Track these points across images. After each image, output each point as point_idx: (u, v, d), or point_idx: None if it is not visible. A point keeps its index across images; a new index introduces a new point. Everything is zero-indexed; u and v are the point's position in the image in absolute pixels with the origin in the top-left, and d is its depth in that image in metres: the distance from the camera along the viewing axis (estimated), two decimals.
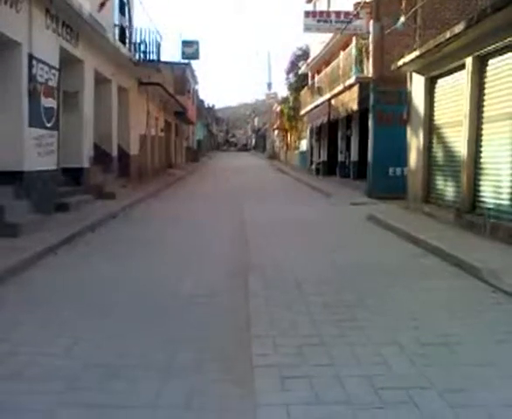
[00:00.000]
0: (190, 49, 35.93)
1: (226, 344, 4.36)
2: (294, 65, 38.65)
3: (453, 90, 10.62)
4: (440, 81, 11.41)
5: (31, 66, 9.91)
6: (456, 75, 10.49)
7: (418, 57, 11.21)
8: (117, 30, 17.29)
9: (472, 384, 3.56)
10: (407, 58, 11.90)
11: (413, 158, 12.85)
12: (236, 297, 5.68)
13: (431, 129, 11.89)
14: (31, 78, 9.94)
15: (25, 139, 9.83)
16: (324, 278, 6.46)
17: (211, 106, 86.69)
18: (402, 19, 13.49)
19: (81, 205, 12.28)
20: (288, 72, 40.02)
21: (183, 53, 36.00)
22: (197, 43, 36.72)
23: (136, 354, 4.09)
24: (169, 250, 8.43)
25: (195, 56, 36.68)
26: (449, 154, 10.91)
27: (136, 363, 3.92)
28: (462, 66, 10.00)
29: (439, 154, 11.54)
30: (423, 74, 12.01)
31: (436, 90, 11.66)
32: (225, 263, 7.40)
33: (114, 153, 17.15)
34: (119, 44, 15.58)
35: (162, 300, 5.55)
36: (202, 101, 62.56)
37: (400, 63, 12.39)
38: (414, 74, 12.71)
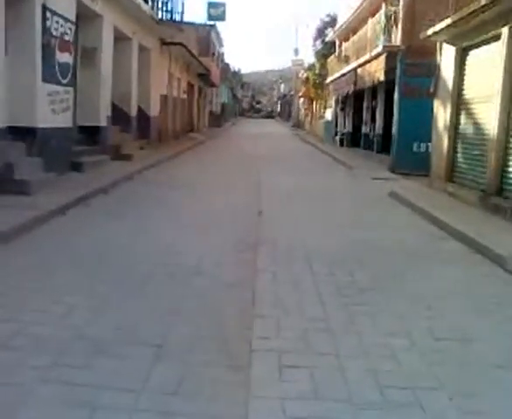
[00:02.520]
0: (217, 10, 35.26)
1: (227, 321, 4.12)
2: (321, 32, 37.58)
3: (486, 62, 10.00)
4: (472, 53, 10.77)
5: (44, 18, 9.59)
6: (490, 46, 9.86)
7: (449, 25, 10.56)
8: None
9: (486, 388, 3.25)
10: (438, 27, 11.24)
11: (439, 134, 12.30)
12: (243, 271, 5.42)
13: (459, 104, 11.30)
14: (45, 30, 9.64)
15: (39, 94, 9.59)
16: (338, 257, 6.15)
17: (236, 70, 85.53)
18: None
19: (97, 165, 12.09)
20: (315, 39, 38.96)
21: (209, 15, 35.36)
22: (223, 4, 35.99)
23: (130, 328, 3.87)
24: (181, 216, 8.20)
25: (221, 17, 35.99)
26: (477, 131, 10.36)
27: (129, 338, 3.70)
28: (497, 37, 9.38)
29: (466, 131, 10.98)
30: (454, 45, 11.37)
31: (467, 62, 11.02)
32: (236, 233, 7.13)
33: (134, 113, 16.89)
34: (140, 0, 15.11)
35: (166, 269, 5.32)
36: (227, 65, 61.61)
37: (430, 32, 11.73)
38: (444, 45, 12.06)
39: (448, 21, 10.47)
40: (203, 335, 3.83)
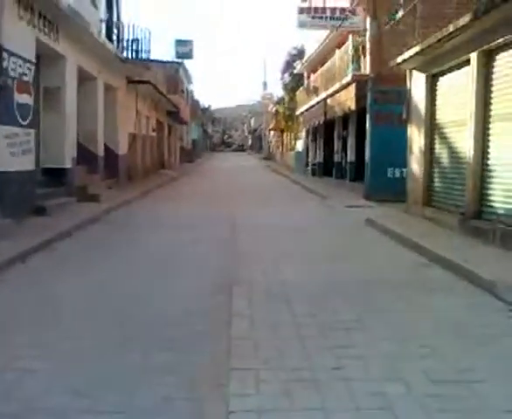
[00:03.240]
0: (184, 48, 35.35)
1: (200, 377, 3.65)
2: (289, 65, 37.94)
3: (457, 87, 9.94)
4: (443, 79, 10.72)
5: (1, 59, 9.15)
6: (460, 72, 9.81)
7: (418, 53, 10.52)
8: (104, 26, 16.58)
9: None
10: (407, 55, 11.21)
11: (414, 159, 12.16)
12: (218, 317, 4.96)
13: (432, 129, 11.21)
14: (2, 71, 9.19)
15: None
16: (319, 293, 5.75)
17: (206, 106, 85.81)
18: (400, 14, 12.84)
19: (62, 208, 11.55)
20: (283, 72, 39.32)
21: (177, 52, 35.41)
22: (190, 42, 36.13)
23: (89, 395, 3.37)
24: (148, 259, 7.70)
25: (189, 55, 36.10)
26: (453, 154, 10.22)
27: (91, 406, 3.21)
28: (466, 62, 9.32)
29: (441, 154, 10.84)
30: (424, 72, 11.33)
31: (438, 88, 10.97)
32: (209, 275, 6.66)
33: (101, 152, 16.41)
34: (104, 39, 14.83)
35: (132, 321, 4.83)
36: (197, 101, 61.74)
37: (399, 60, 11.70)
38: (414, 72, 12.03)
39: (416, 49, 10.43)
40: (173, 397, 3.36)
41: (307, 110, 27.06)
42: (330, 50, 21.37)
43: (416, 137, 11.98)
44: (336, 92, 19.35)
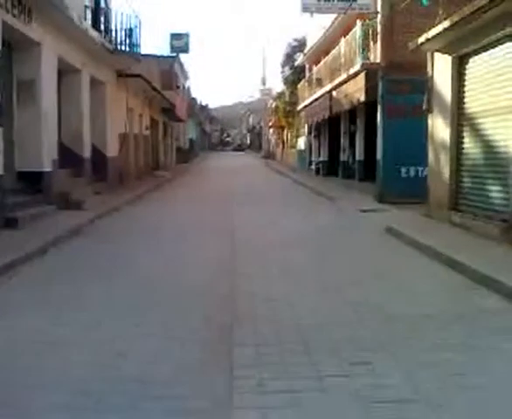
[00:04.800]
0: (180, 42, 33.79)
1: None
2: (289, 58, 36.30)
3: (493, 69, 8.48)
4: (474, 60, 9.23)
5: None
6: (497, 50, 8.35)
7: (447, 29, 9.01)
8: (90, 13, 15.08)
9: None
10: (431, 33, 9.72)
11: (436, 155, 10.70)
12: (214, 377, 3.52)
13: (460, 120, 9.75)
14: None
15: None
16: (344, 336, 4.31)
17: (204, 105, 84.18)
18: None
19: (38, 219, 10.10)
20: (284, 65, 37.68)
21: (172, 46, 33.84)
22: (186, 35, 34.57)
23: None
24: (133, 281, 6.24)
25: (184, 49, 34.52)
26: (489, 149, 8.75)
27: None
28: (507, 38, 7.87)
29: (473, 150, 9.38)
30: (450, 53, 9.84)
31: (467, 71, 9.50)
32: (202, 313, 5.19)
33: (87, 154, 14.93)
34: (87, 26, 13.30)
35: (95, 399, 3.37)
36: (194, 99, 60.18)
37: (422, 39, 10.20)
38: (437, 55, 10.56)
39: (445, 24, 8.92)
40: None
41: (309, 104, 25.55)
42: (335, 38, 19.82)
43: (439, 130, 10.51)
44: (343, 83, 17.84)
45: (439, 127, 10.48)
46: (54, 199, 11.60)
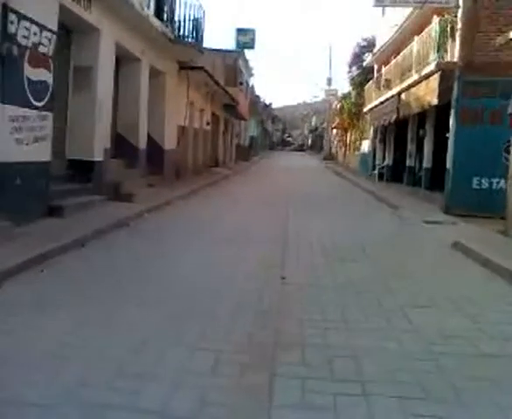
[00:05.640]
0: (245, 37, 33.47)
1: None
2: (357, 58, 35.09)
3: None
4: None
5: (6, 21, 7.37)
6: None
7: None
8: (153, 2, 14.72)
9: None
10: None
11: None
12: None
13: None
14: (6, 36, 7.40)
15: None
16: (424, 388, 3.48)
17: (267, 104, 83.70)
18: None
19: (83, 208, 9.76)
20: (351, 65, 36.50)
21: (238, 42, 33.54)
22: (252, 31, 34.22)
23: None
24: (170, 285, 5.64)
25: (250, 45, 34.15)
26: None
27: None
28: None
29: None
30: None
31: None
32: (243, 326, 4.50)
33: (142, 146, 14.61)
34: (148, 12, 12.90)
35: None
36: (258, 97, 59.66)
37: None
38: None
39: None
40: None
41: (375, 107, 24.39)
42: (407, 37, 18.65)
43: None
44: (414, 84, 16.66)
45: None
46: (104, 189, 11.29)
